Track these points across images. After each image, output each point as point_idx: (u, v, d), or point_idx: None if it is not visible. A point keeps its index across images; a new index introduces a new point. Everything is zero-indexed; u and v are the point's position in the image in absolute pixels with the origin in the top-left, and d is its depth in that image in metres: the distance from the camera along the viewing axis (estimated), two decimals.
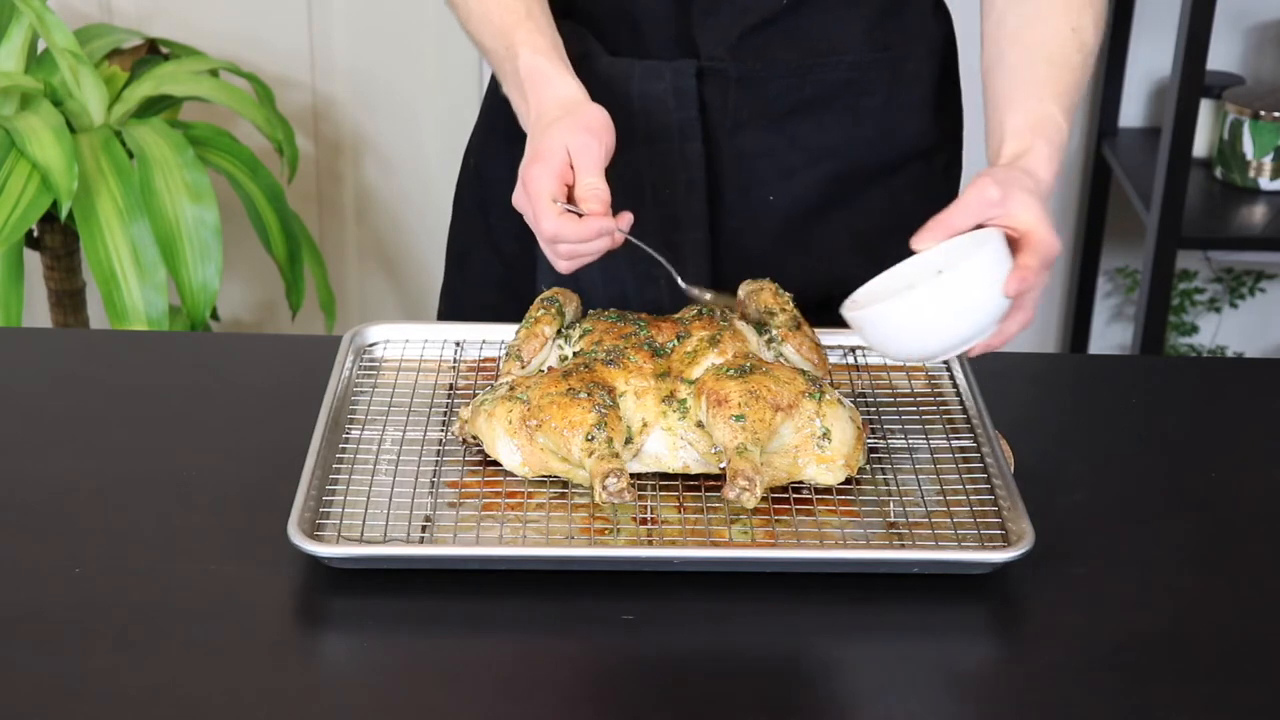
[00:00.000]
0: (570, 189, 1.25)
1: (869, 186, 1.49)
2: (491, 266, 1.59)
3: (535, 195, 1.24)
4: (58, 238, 2.45)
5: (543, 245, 1.26)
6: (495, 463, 1.24)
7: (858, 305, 1.20)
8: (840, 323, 1.21)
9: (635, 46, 1.45)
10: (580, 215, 1.23)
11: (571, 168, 1.25)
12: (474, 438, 1.26)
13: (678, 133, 1.44)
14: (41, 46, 2.47)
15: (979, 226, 1.18)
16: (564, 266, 1.27)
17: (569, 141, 1.25)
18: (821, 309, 1.45)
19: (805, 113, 1.46)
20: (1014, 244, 1.18)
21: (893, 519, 1.20)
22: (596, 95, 1.33)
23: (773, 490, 1.22)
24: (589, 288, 1.46)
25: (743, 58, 1.43)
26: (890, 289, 1.21)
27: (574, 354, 1.30)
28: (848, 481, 1.23)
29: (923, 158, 1.52)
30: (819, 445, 1.21)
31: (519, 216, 1.48)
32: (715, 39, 1.43)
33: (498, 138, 1.55)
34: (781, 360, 1.30)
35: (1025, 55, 1.32)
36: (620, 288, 1.48)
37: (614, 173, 1.36)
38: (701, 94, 1.44)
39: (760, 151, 1.47)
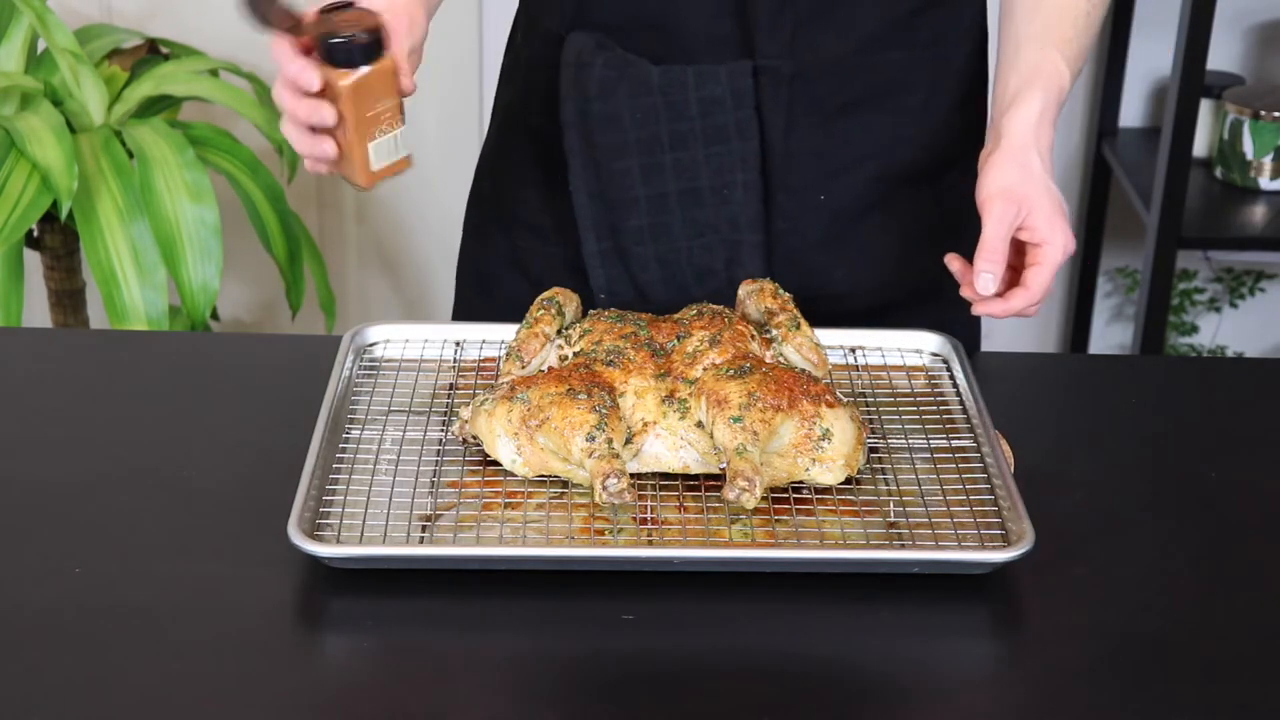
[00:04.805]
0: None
1: (912, 189, 1.49)
2: (520, 289, 1.55)
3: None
4: (58, 238, 2.45)
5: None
6: (495, 463, 1.24)
7: None
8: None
9: (682, 52, 1.44)
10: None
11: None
12: (474, 438, 1.26)
13: (735, 133, 1.44)
14: (41, 46, 2.46)
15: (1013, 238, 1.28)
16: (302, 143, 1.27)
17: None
18: (871, 314, 1.48)
19: (853, 111, 1.47)
20: (1032, 248, 1.27)
21: (893, 519, 1.20)
22: (650, 105, 1.35)
23: (773, 490, 1.21)
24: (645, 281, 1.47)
25: (797, 53, 1.43)
26: None
27: (574, 354, 1.30)
28: (848, 481, 1.23)
29: (964, 160, 1.52)
30: (819, 445, 1.21)
31: (543, 236, 1.52)
32: (772, 35, 1.43)
33: (509, 160, 1.55)
34: (781, 360, 1.30)
35: (1032, 4, 1.38)
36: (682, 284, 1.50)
37: (673, 175, 1.39)
38: (757, 93, 1.44)
39: (811, 151, 1.47)
